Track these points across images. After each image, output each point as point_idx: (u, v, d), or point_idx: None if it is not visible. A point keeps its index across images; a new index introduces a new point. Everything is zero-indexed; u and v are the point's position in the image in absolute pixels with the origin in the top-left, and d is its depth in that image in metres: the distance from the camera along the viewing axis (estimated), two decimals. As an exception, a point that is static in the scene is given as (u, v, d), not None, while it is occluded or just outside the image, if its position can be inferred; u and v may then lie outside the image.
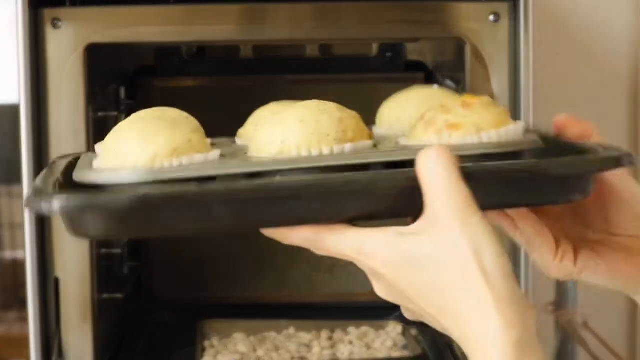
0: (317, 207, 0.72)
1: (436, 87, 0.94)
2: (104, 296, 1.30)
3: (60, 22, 1.20)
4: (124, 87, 1.46)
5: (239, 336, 1.41)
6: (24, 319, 1.24)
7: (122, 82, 1.47)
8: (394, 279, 0.71)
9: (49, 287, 1.22)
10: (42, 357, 1.22)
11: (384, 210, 0.73)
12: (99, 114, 1.30)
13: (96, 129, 1.24)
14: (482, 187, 0.72)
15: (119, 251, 1.44)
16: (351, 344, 1.40)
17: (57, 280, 1.22)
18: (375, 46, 1.54)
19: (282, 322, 1.45)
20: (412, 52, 1.55)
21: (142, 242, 1.55)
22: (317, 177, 0.74)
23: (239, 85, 1.54)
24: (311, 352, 1.38)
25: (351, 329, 1.44)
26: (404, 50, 1.54)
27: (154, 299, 1.57)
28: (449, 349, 1.31)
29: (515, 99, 1.22)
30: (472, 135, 0.77)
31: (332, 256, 0.74)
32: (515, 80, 1.23)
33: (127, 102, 1.45)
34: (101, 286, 1.28)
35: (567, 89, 1.67)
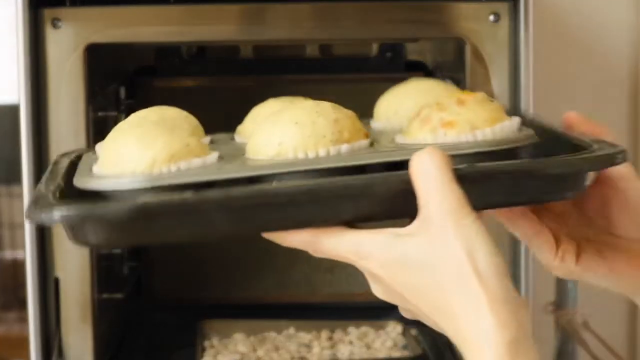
0: (314, 211, 0.73)
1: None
2: (104, 296, 1.30)
3: (60, 22, 1.20)
4: (124, 87, 1.46)
5: (239, 336, 1.41)
6: (24, 319, 1.24)
7: (122, 82, 1.47)
8: (391, 280, 0.72)
9: (49, 287, 1.22)
10: (42, 357, 1.22)
11: (380, 212, 0.74)
12: (99, 114, 1.30)
13: (96, 129, 1.24)
14: (476, 188, 0.72)
15: (119, 251, 1.44)
16: (351, 344, 1.40)
17: (57, 280, 1.22)
18: (375, 46, 1.54)
19: (282, 322, 1.45)
20: (412, 52, 1.55)
21: (142, 242, 1.55)
22: (314, 182, 0.74)
23: (239, 85, 1.54)
24: (311, 352, 1.38)
25: (351, 329, 1.44)
26: (404, 50, 1.54)
27: (154, 299, 1.57)
28: (449, 349, 1.31)
29: (515, 99, 1.22)
30: (467, 133, 0.78)
31: (330, 258, 0.75)
32: (515, 80, 1.23)
33: (127, 102, 1.45)
34: (101, 286, 1.28)
35: (567, 89, 1.67)
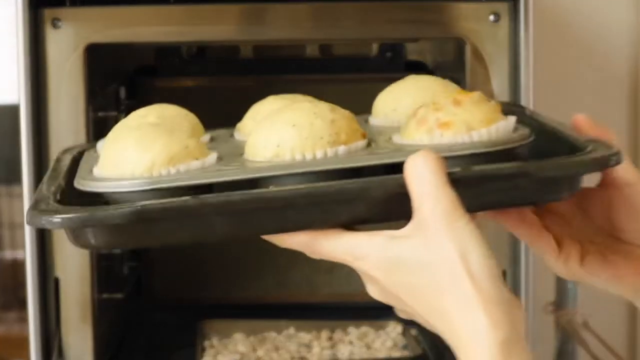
0: (312, 214, 0.75)
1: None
2: (104, 296, 1.30)
3: (60, 22, 1.20)
4: (124, 87, 1.46)
5: (239, 336, 1.41)
6: (24, 319, 1.24)
7: (122, 82, 1.47)
8: (386, 281, 0.73)
9: (49, 287, 1.22)
10: (42, 357, 1.22)
11: (376, 214, 0.75)
12: (99, 114, 1.30)
13: (96, 129, 1.24)
14: (469, 191, 0.74)
15: (119, 251, 1.44)
16: (351, 344, 1.40)
17: (57, 280, 1.22)
18: (375, 46, 1.54)
19: (282, 322, 1.45)
20: (412, 52, 1.55)
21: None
22: (312, 186, 0.76)
23: (239, 85, 1.54)
24: (311, 352, 1.38)
25: (351, 329, 1.44)
26: (404, 50, 1.54)
27: (154, 299, 1.57)
28: (449, 349, 1.30)
29: (515, 99, 1.22)
30: (463, 134, 0.78)
31: (327, 259, 0.76)
32: (515, 80, 1.23)
33: (127, 102, 1.45)
34: (101, 286, 1.28)
35: (567, 89, 1.67)
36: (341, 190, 0.74)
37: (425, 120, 0.80)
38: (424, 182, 0.72)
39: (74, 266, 1.22)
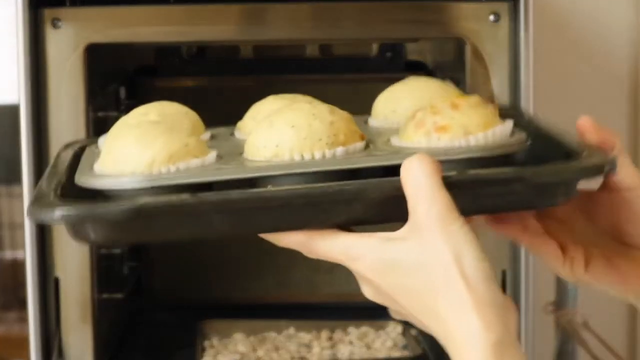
0: (309, 214, 0.75)
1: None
2: (104, 296, 1.30)
3: (60, 22, 1.20)
4: (124, 87, 1.46)
5: (239, 336, 1.41)
6: (24, 319, 1.24)
7: (122, 82, 1.47)
8: (380, 282, 0.74)
9: (49, 287, 1.22)
10: (42, 357, 1.22)
11: (373, 216, 0.76)
12: (99, 114, 1.30)
13: (96, 129, 1.24)
14: (464, 195, 0.74)
15: (119, 251, 1.44)
16: (351, 344, 1.40)
17: (57, 280, 1.22)
18: (375, 46, 1.54)
19: (282, 322, 1.45)
20: (412, 52, 1.55)
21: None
22: (309, 186, 0.77)
23: (239, 85, 1.54)
24: (311, 352, 1.38)
25: (351, 329, 1.44)
26: (404, 50, 1.54)
27: (154, 299, 1.57)
28: (449, 349, 1.30)
29: (515, 99, 1.22)
30: (460, 137, 0.79)
31: (323, 259, 0.77)
32: (515, 80, 1.23)
33: (127, 102, 1.45)
34: (101, 286, 1.28)
35: (567, 89, 1.67)
36: (338, 191, 0.75)
37: (423, 123, 0.80)
38: (419, 185, 0.72)
39: (74, 266, 1.22)
